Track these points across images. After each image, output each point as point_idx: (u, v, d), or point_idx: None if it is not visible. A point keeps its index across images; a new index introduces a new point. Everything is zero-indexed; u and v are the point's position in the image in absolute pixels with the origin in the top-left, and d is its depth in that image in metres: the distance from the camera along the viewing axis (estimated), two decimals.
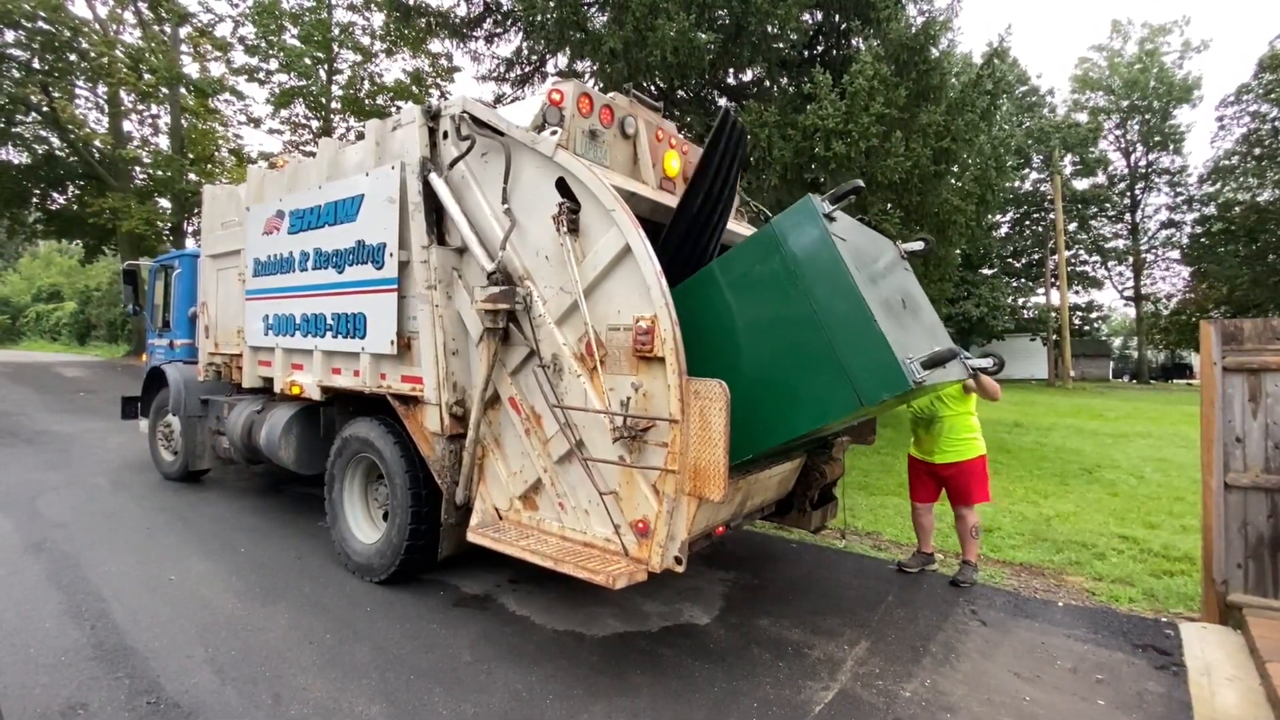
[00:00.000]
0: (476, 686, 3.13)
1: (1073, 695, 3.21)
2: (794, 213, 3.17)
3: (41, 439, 9.43)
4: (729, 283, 3.33)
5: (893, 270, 3.78)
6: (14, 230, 25.82)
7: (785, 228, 3.17)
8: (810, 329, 3.06)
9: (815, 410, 3.13)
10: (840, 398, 3.02)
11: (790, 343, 3.15)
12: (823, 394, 3.08)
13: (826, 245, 3.04)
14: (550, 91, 3.69)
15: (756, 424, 3.18)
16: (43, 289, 45.15)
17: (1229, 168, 31.90)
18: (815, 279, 3.06)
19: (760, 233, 3.29)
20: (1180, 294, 38.16)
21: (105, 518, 5.74)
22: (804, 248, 3.11)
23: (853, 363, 2.96)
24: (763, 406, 3.19)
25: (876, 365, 2.91)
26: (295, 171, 5.20)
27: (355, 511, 4.70)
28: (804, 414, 3.15)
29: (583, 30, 10.67)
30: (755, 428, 3.18)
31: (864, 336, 2.93)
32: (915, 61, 10.35)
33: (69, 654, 3.32)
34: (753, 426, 3.17)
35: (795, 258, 3.12)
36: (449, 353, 3.89)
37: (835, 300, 3.01)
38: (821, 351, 3.04)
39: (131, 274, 8.32)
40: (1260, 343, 3.90)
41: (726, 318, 3.33)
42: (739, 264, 3.33)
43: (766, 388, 3.20)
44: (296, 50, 21.75)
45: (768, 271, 3.21)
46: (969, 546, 4.63)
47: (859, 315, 2.94)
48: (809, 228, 3.11)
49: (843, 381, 2.99)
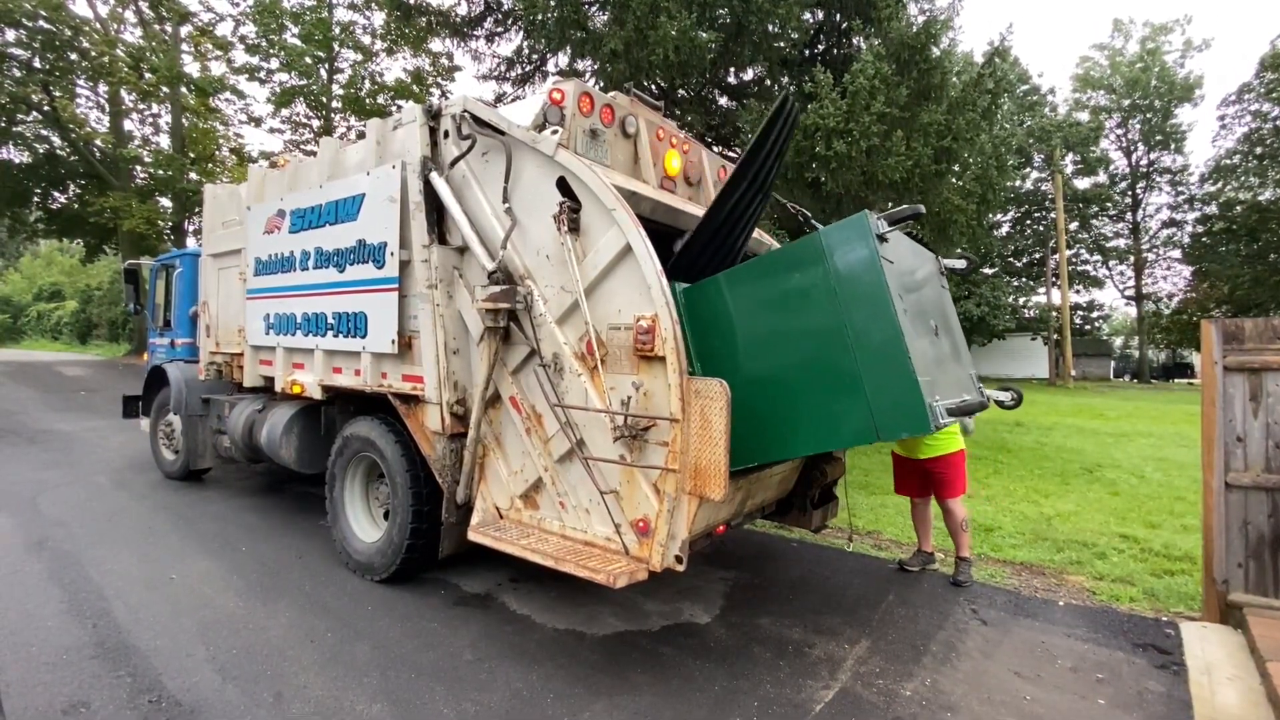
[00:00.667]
0: (477, 685, 3.14)
1: (1073, 694, 3.21)
2: (846, 227, 2.99)
3: (43, 438, 9.44)
4: (763, 285, 3.20)
5: (932, 289, 3.65)
6: (15, 229, 25.87)
7: (834, 241, 2.98)
8: (840, 350, 2.93)
9: (825, 433, 3.06)
10: (855, 427, 2.93)
11: (814, 359, 3.03)
12: (838, 419, 2.99)
13: (874, 269, 2.87)
14: (551, 91, 3.69)
15: (762, 434, 3.13)
16: (44, 288, 45.20)
17: (1230, 167, 31.86)
18: (856, 300, 2.91)
19: (806, 240, 3.11)
20: (1181, 293, 38.14)
21: (106, 516, 5.74)
22: (850, 265, 2.94)
23: (877, 395, 2.84)
24: (772, 417, 3.12)
25: (901, 403, 2.79)
26: (296, 171, 5.20)
27: (356, 510, 4.71)
28: (813, 434, 3.07)
29: (583, 29, 10.66)
30: (760, 438, 3.13)
31: (895, 371, 2.80)
32: (916, 60, 10.34)
33: (70, 652, 3.33)
34: (758, 435, 3.12)
35: (839, 274, 2.95)
36: (450, 352, 3.89)
37: (872, 326, 2.86)
38: (846, 376, 2.92)
39: (133, 273, 8.33)
40: (1261, 342, 3.89)
41: (753, 319, 3.20)
42: (777, 267, 3.20)
43: (779, 399, 3.11)
44: (297, 49, 21.75)
45: (807, 282, 3.05)
46: (961, 541, 4.64)
47: (894, 348, 2.80)
48: (859, 246, 2.93)
49: (862, 411, 2.88)
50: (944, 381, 3.11)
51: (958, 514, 4.60)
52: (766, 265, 3.26)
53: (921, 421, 2.76)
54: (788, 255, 3.20)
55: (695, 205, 4.46)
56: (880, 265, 2.86)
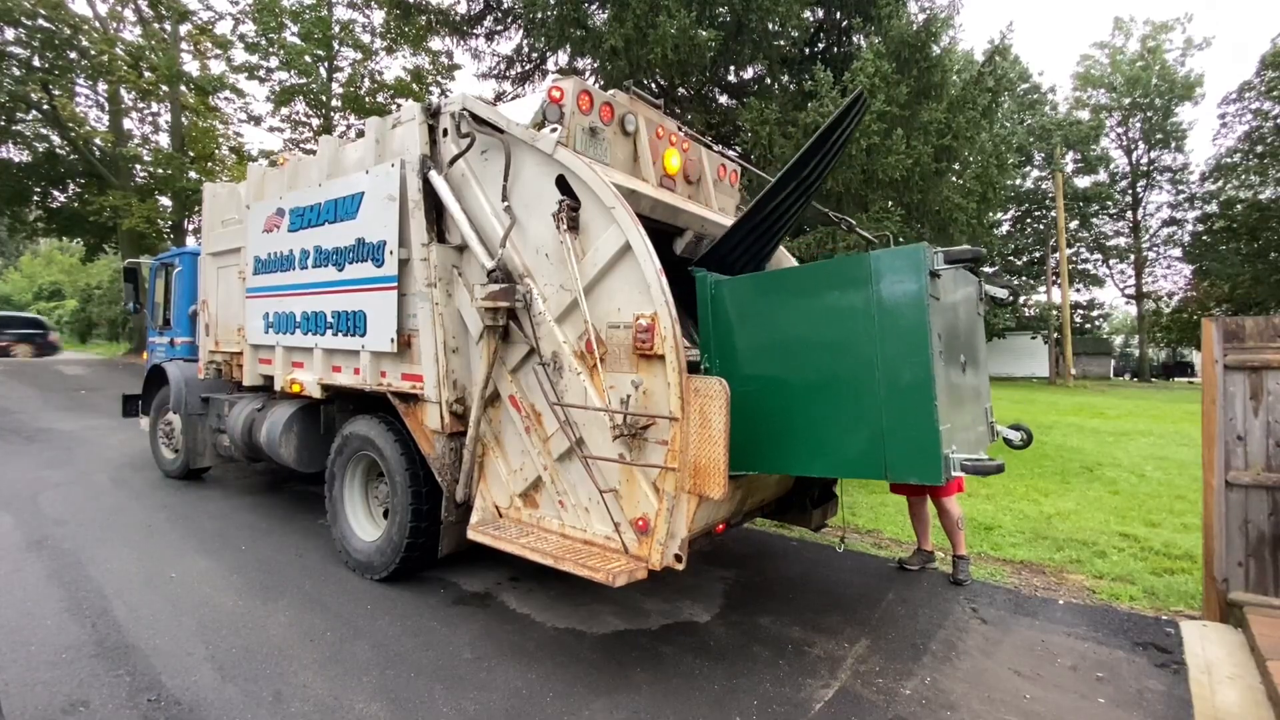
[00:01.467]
0: (477, 684, 3.13)
1: (1073, 693, 3.21)
2: (899, 256, 2.83)
3: (43, 437, 9.44)
4: (801, 295, 3.07)
5: (968, 317, 3.52)
6: (15, 228, 25.83)
7: (884, 267, 2.82)
8: (866, 381, 2.82)
9: (832, 458, 3.00)
10: (864, 460, 2.87)
11: (838, 382, 2.93)
12: (848, 448, 2.92)
13: (919, 306, 2.73)
14: (550, 89, 3.68)
15: (768, 444, 3.09)
16: (44, 287, 45.20)
17: (1231, 165, 31.83)
18: (894, 334, 2.78)
19: (854, 259, 2.99)
20: (1182, 292, 38.14)
21: (106, 515, 5.74)
22: (895, 297, 2.79)
23: (894, 434, 2.75)
24: (781, 430, 3.06)
25: (918, 450, 2.70)
26: (295, 169, 5.19)
27: (356, 509, 4.70)
28: (819, 457, 3.02)
29: (583, 27, 10.66)
30: (765, 447, 3.10)
31: (918, 416, 2.70)
32: (916, 59, 10.33)
33: (70, 651, 3.33)
34: (763, 445, 3.09)
35: (882, 302, 2.81)
36: (449, 350, 3.89)
37: (905, 365, 2.74)
38: (867, 408, 2.82)
39: (132, 272, 8.33)
40: (1262, 340, 3.89)
41: (782, 327, 3.09)
42: (819, 279, 3.08)
43: (793, 414, 3.04)
44: (297, 48, 21.70)
45: (847, 302, 2.92)
46: (957, 540, 4.63)
47: (923, 393, 2.69)
48: (909, 279, 2.77)
49: (875, 446, 2.80)
50: (961, 423, 3.03)
51: (954, 512, 4.60)
52: (808, 275, 3.16)
53: (934, 472, 2.68)
54: (832, 270, 3.08)
55: (695, 204, 4.46)
56: (926, 304, 2.71)
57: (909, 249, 2.83)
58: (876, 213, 10.46)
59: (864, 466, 2.92)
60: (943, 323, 2.87)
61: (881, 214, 10.49)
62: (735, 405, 3.06)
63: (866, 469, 2.91)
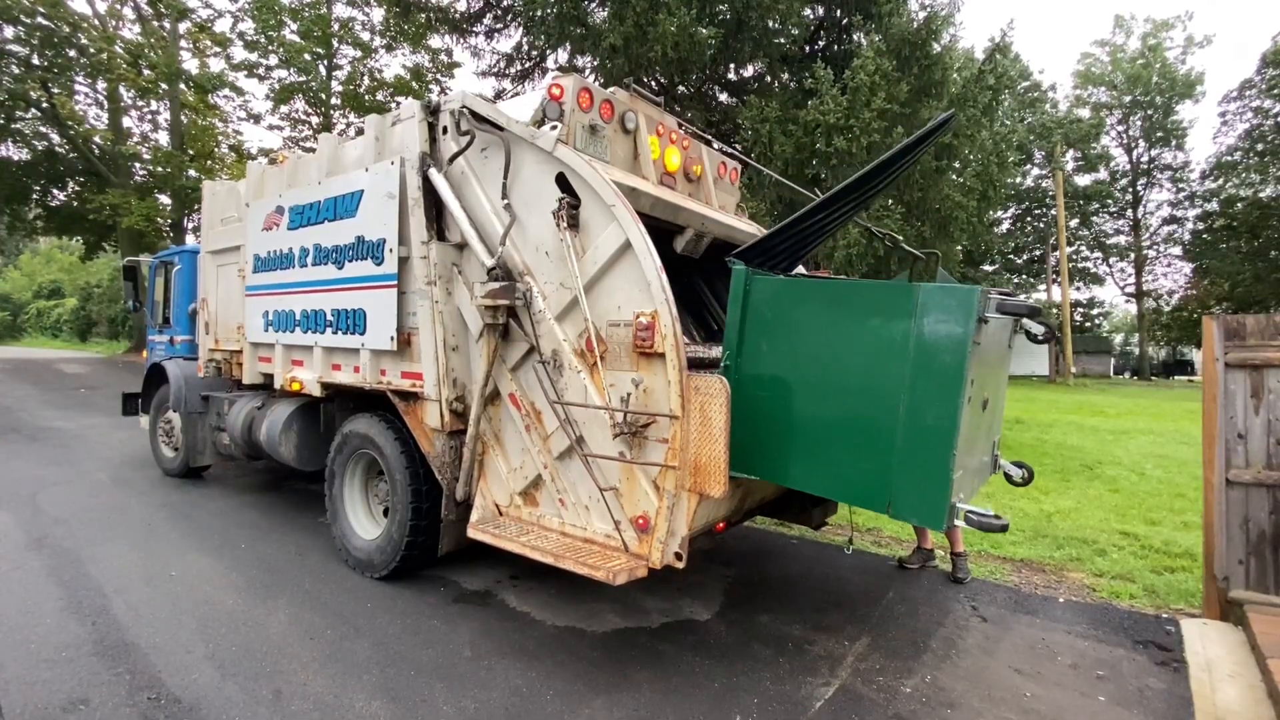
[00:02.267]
0: (477, 682, 3.13)
1: (1074, 691, 3.21)
2: (950, 295, 2.66)
3: (43, 435, 9.44)
4: (838, 310, 2.94)
5: (999, 352, 3.38)
6: (14, 227, 25.81)
7: (931, 303, 2.66)
8: (887, 415, 2.72)
9: (835, 481, 2.96)
10: (867, 491, 2.82)
11: (858, 408, 2.83)
12: (853, 474, 2.86)
13: (960, 353, 2.59)
14: (550, 86, 3.67)
15: (773, 452, 3.06)
16: (44, 286, 45.19)
17: (1231, 164, 31.83)
18: (927, 374, 2.65)
19: (901, 287, 2.85)
20: (1182, 290, 38.15)
21: (106, 514, 5.74)
22: (937, 337, 2.64)
23: (904, 474, 2.67)
24: (789, 441, 3.01)
25: (925, 494, 2.65)
26: (295, 167, 5.18)
27: (356, 508, 4.70)
28: (822, 476, 2.98)
29: (583, 25, 10.64)
30: (770, 455, 3.07)
31: (933, 461, 2.62)
32: (917, 56, 10.32)
33: (70, 649, 3.32)
34: (768, 452, 3.06)
35: (922, 339, 2.66)
36: (449, 349, 3.88)
37: (931, 408, 2.63)
38: (882, 441, 2.73)
39: (132, 270, 8.32)
40: (1263, 339, 3.88)
41: (813, 338, 2.98)
42: (860, 299, 2.93)
43: (805, 429, 2.97)
44: (296, 46, 21.69)
45: (884, 330, 2.78)
46: (955, 538, 4.61)
47: (943, 440, 2.61)
48: (956, 322, 2.61)
49: (881, 481, 2.74)
50: (971, 464, 2.98)
51: None
52: (850, 292, 3.00)
53: (938, 519, 2.64)
54: (875, 293, 2.93)
55: (695, 201, 4.45)
56: (969, 352, 2.57)
57: (963, 291, 2.64)
58: (877, 210, 10.46)
59: (866, 497, 2.87)
60: (978, 366, 2.73)
61: (881, 212, 10.48)
62: (747, 408, 3.04)
63: (868, 500, 2.86)
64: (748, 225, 4.87)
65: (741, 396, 3.05)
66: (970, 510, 2.68)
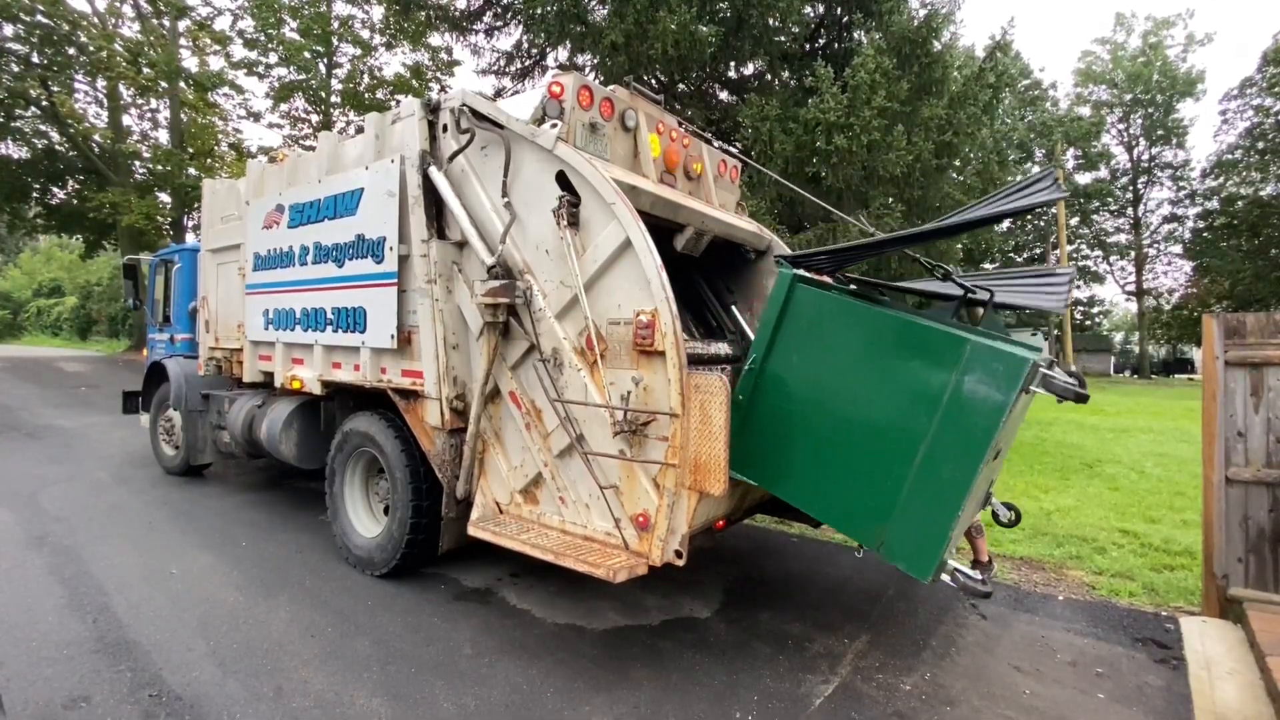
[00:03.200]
0: (477, 679, 3.14)
1: (1073, 689, 3.21)
2: (998, 359, 2.54)
3: (43, 434, 9.44)
4: (880, 340, 2.84)
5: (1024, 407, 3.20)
6: (14, 225, 25.75)
7: (976, 362, 2.56)
8: (902, 458, 2.67)
9: (830, 507, 2.95)
10: (862, 525, 2.81)
11: (874, 443, 2.78)
12: (852, 505, 2.84)
13: (993, 419, 2.53)
14: (550, 84, 3.67)
15: (778, 462, 3.06)
16: (44, 284, 45.14)
17: (1232, 162, 31.79)
18: (954, 430, 2.59)
19: (950, 338, 2.68)
20: (1182, 289, 38.12)
21: (107, 512, 5.75)
22: (976, 399, 2.56)
23: (903, 520, 2.65)
24: (796, 455, 3.00)
25: (921, 544, 2.64)
26: (295, 166, 5.18)
27: (356, 506, 4.71)
28: (821, 498, 2.98)
29: (583, 23, 10.63)
30: (774, 464, 3.07)
31: (937, 513, 2.61)
32: (917, 54, 10.31)
33: (71, 647, 3.33)
34: (773, 461, 3.06)
35: (959, 396, 2.58)
36: (449, 347, 3.88)
37: (948, 464, 2.59)
38: (890, 482, 2.69)
39: (132, 269, 8.32)
40: (1262, 337, 3.88)
41: (847, 360, 2.90)
42: (904, 336, 2.81)
43: (817, 448, 2.94)
44: (296, 44, 21.65)
45: (922, 375, 2.69)
46: (979, 546, 4.24)
47: (953, 495, 2.59)
48: (999, 389, 2.53)
49: (878, 519, 2.73)
50: (969, 510, 2.94)
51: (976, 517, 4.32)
52: (895, 326, 2.85)
53: (925, 570, 2.64)
54: (923, 335, 2.77)
55: (695, 200, 4.45)
56: (1003, 421, 2.52)
57: (1014, 358, 2.52)
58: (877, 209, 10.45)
59: (858, 529, 2.86)
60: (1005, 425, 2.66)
61: (882, 210, 10.48)
62: (761, 413, 3.03)
63: (861, 533, 2.85)
64: (748, 223, 4.87)
65: (759, 400, 3.05)
66: (958, 569, 2.69)
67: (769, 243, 4.91)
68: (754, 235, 4.80)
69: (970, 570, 2.70)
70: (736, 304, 5.01)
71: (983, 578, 2.69)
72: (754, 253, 4.94)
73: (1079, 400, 2.71)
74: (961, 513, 2.59)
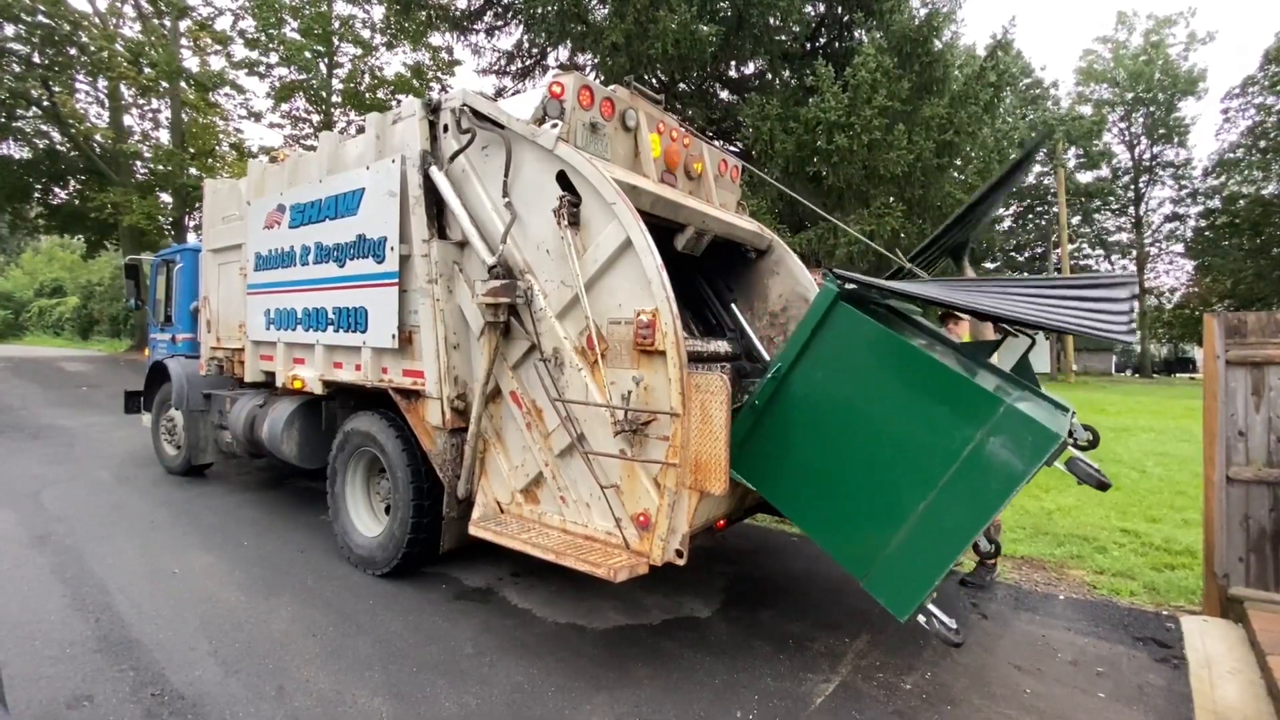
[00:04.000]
0: (479, 678, 3.15)
1: (1073, 688, 3.22)
2: (1030, 429, 2.47)
3: (45, 433, 9.46)
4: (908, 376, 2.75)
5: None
6: (16, 225, 25.85)
7: (1007, 427, 2.49)
8: (908, 499, 2.67)
9: (823, 527, 2.96)
10: (851, 552, 2.82)
11: (883, 477, 2.76)
12: (845, 531, 2.84)
13: (1009, 484, 2.51)
14: (551, 84, 3.67)
15: (778, 472, 3.07)
16: (45, 284, 45.18)
17: (1234, 161, 31.73)
18: (966, 486, 2.55)
19: (983, 396, 2.59)
20: (1184, 288, 38.08)
21: (109, 511, 5.76)
22: (995, 461, 2.51)
23: (895, 559, 2.67)
24: (797, 469, 2.99)
25: (906, 583, 2.66)
26: (296, 166, 5.19)
27: (357, 505, 4.72)
28: (813, 516, 2.98)
29: (584, 23, 10.63)
30: (772, 472, 3.07)
31: (932, 559, 2.61)
32: (918, 54, 10.31)
33: (74, 646, 3.34)
34: (772, 470, 3.07)
35: (980, 454, 2.53)
36: (450, 346, 3.89)
37: (956, 515, 2.57)
38: (891, 518, 2.69)
39: (133, 269, 8.34)
40: (1264, 336, 3.88)
41: (871, 389, 2.82)
42: (935, 381, 2.70)
43: (820, 465, 2.93)
44: (297, 44, 21.67)
45: (947, 423, 2.62)
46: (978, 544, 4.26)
47: (951, 545, 2.59)
48: (1021, 458, 2.48)
49: (869, 551, 2.74)
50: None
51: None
52: (928, 367, 2.73)
53: (904, 609, 2.67)
54: (957, 386, 2.67)
55: (696, 199, 4.45)
56: (1019, 487, 2.52)
57: (1046, 432, 2.44)
58: (878, 208, 10.45)
59: (846, 555, 2.86)
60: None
61: (883, 209, 10.47)
62: (776, 424, 3.02)
63: (849, 560, 2.85)
64: (748, 223, 4.87)
65: (774, 409, 3.03)
66: (935, 614, 2.70)
67: (769, 242, 4.91)
68: (754, 235, 4.80)
69: (945, 618, 2.70)
70: (736, 302, 5.01)
71: (955, 627, 2.70)
72: (755, 252, 4.94)
73: (1100, 488, 2.70)
74: (954, 563, 2.61)
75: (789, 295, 4.81)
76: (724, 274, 5.10)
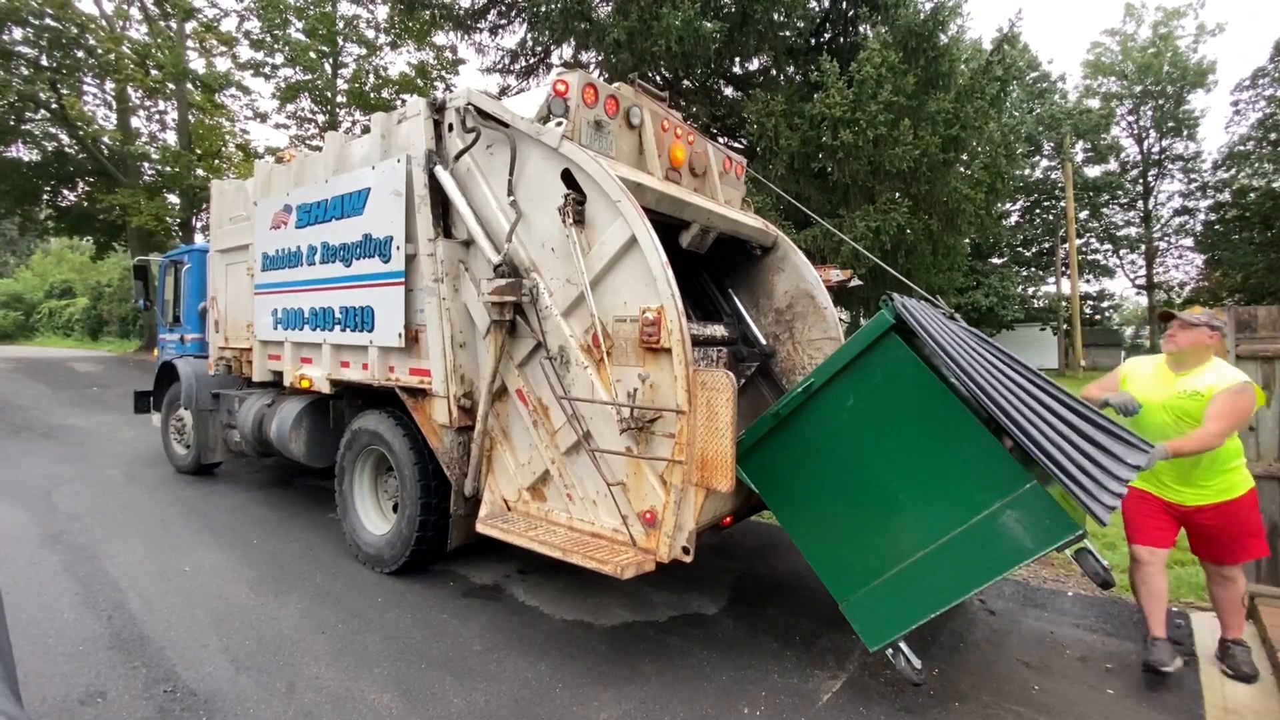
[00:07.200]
0: (487, 675, 3.16)
1: (1082, 684, 3.20)
2: (1051, 514, 2.40)
3: (56, 433, 9.55)
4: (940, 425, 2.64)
5: None
6: (25, 227, 26.05)
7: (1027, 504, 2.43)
8: (909, 542, 2.67)
9: (816, 543, 2.97)
10: (839, 577, 2.85)
11: (886, 518, 2.75)
12: (840, 553, 2.86)
13: (1013, 558, 2.48)
14: (555, 82, 3.67)
15: (781, 480, 3.07)
16: (55, 285, 45.57)
17: (1244, 153, 31.40)
18: (970, 548, 2.52)
19: (1013, 468, 2.48)
20: (1193, 282, 37.73)
21: (120, 510, 5.81)
22: (1006, 533, 2.47)
23: (882, 594, 2.70)
24: (802, 482, 3.00)
25: (886, 620, 2.70)
26: (302, 166, 5.21)
27: (365, 503, 4.74)
28: (807, 528, 3.00)
29: (587, 20, 10.62)
30: (775, 480, 3.08)
31: (917, 606, 2.62)
32: (924, 48, 10.25)
33: (87, 643, 3.38)
34: (776, 477, 3.07)
35: (992, 522, 2.48)
36: (456, 345, 3.90)
37: (951, 570, 2.56)
38: (887, 555, 2.71)
39: (142, 269, 8.40)
40: (1274, 330, 3.85)
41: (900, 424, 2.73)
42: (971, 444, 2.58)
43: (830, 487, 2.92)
44: (302, 44, 21.76)
45: (968, 480, 2.55)
46: (1234, 618, 3.30)
47: (941, 599, 2.59)
48: (1035, 539, 2.43)
49: (856, 580, 2.77)
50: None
51: (1240, 584, 3.28)
52: (965, 424, 2.59)
53: (876, 640, 2.71)
54: (990, 450, 2.53)
55: (700, 196, 4.44)
56: (1021, 565, 2.54)
57: (1067, 521, 2.38)
58: (884, 204, 10.41)
59: (831, 576, 2.88)
60: None
61: (888, 205, 10.43)
62: (793, 435, 3.01)
63: (833, 581, 2.87)
64: (753, 219, 4.86)
65: (795, 422, 3.01)
66: (904, 651, 2.72)
67: (775, 239, 4.90)
68: (759, 231, 4.79)
69: (913, 657, 2.70)
70: (737, 293, 5.04)
71: (919, 668, 2.72)
72: (760, 249, 4.94)
73: (1104, 587, 2.71)
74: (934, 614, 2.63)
75: (794, 292, 4.80)
76: (729, 271, 5.10)
